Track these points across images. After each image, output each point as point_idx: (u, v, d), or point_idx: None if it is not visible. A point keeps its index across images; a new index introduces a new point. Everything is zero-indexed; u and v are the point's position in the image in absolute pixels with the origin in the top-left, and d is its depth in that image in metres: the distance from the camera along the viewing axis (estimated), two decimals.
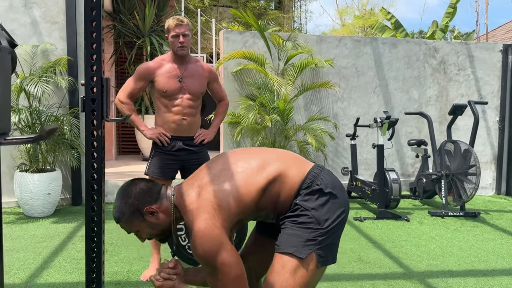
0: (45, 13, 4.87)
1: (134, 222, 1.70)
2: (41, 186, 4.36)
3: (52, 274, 3.00)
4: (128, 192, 1.70)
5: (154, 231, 1.72)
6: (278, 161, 1.67)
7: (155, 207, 1.67)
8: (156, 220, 1.68)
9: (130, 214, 1.68)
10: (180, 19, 2.85)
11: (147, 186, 1.71)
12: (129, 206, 1.68)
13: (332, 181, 1.64)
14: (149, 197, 1.68)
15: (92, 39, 1.90)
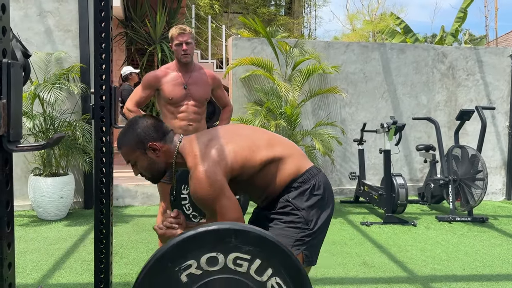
0: (59, 22, 5.01)
1: (135, 152, 1.74)
2: (54, 190, 4.48)
3: (64, 275, 3.10)
4: (138, 123, 1.75)
5: (149, 168, 1.76)
6: (284, 147, 1.74)
7: (158, 144, 1.70)
8: (155, 158, 1.72)
9: (134, 144, 1.73)
10: (183, 27, 2.95)
11: (157, 123, 1.76)
12: (135, 136, 1.72)
13: (325, 184, 1.70)
14: (155, 134, 1.72)
15: (101, 50, 1.99)
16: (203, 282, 1.21)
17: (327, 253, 3.66)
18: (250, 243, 1.21)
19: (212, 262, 1.21)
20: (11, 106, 0.96)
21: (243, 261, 1.21)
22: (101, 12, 1.97)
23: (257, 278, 1.22)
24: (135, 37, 7.15)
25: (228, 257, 1.21)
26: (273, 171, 1.67)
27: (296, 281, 1.24)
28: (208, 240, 1.21)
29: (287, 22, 12.73)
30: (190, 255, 1.20)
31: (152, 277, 1.22)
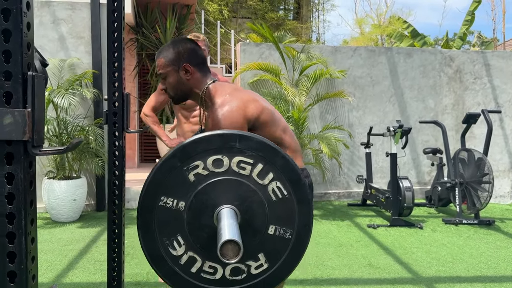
0: (72, 29, 5.16)
1: (169, 67, 1.83)
2: (67, 193, 4.61)
3: (77, 274, 3.21)
4: (182, 43, 1.84)
5: (176, 87, 1.85)
6: (293, 141, 1.85)
7: (192, 69, 1.80)
8: (185, 79, 1.81)
9: (171, 59, 1.81)
10: (196, 35, 3.05)
11: (199, 51, 1.85)
12: (175, 53, 1.81)
13: (310, 186, 1.85)
14: (193, 58, 1.81)
15: (114, 58, 2.10)
16: (209, 182, 1.29)
17: (334, 254, 3.73)
18: (253, 148, 1.29)
19: (218, 164, 1.29)
20: (35, 115, 1.06)
21: (246, 164, 1.29)
22: (114, 22, 2.08)
23: (259, 181, 1.30)
24: (145, 43, 7.29)
25: (232, 160, 1.29)
26: None
27: (295, 186, 1.31)
28: (214, 143, 1.30)
29: (295, 26, 12.83)
30: (197, 157, 1.29)
31: (163, 175, 1.31)
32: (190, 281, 1.33)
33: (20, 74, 1.05)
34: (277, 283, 1.34)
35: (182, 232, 1.31)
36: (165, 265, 1.35)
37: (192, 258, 1.32)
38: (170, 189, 1.31)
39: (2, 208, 1.07)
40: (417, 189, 6.32)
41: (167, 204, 1.31)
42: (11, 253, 1.09)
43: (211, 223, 1.30)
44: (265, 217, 1.31)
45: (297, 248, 1.36)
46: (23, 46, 1.05)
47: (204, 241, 1.31)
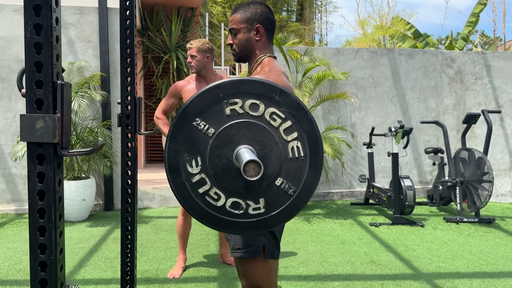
0: (80, 33, 5.28)
1: (242, 23, 1.88)
2: (76, 193, 4.73)
3: (88, 271, 3.33)
4: (261, 6, 1.91)
5: (243, 44, 1.90)
6: None
7: (263, 31, 1.87)
8: (253, 39, 1.87)
9: (247, 16, 1.88)
10: (191, 42, 3.23)
11: (272, 18, 1.93)
12: (252, 12, 1.88)
13: None
14: (267, 23, 1.89)
15: (127, 64, 2.22)
16: (241, 120, 1.40)
17: (336, 252, 3.83)
18: (288, 104, 1.39)
19: (254, 108, 1.40)
20: (63, 119, 1.17)
21: (277, 117, 1.39)
22: (126, 30, 2.19)
23: (283, 136, 1.40)
24: (151, 46, 7.41)
25: (267, 109, 1.39)
26: None
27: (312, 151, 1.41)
28: (257, 89, 1.40)
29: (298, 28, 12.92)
30: (239, 95, 1.39)
31: (204, 100, 1.41)
32: (195, 199, 1.43)
33: (50, 83, 1.16)
34: (265, 229, 1.43)
35: (203, 155, 1.40)
36: (178, 177, 1.44)
37: (203, 180, 1.42)
38: (206, 114, 1.40)
39: (34, 204, 1.19)
40: (419, 188, 6.41)
41: (199, 126, 1.40)
42: (42, 245, 1.20)
43: (230, 157, 1.39)
44: (277, 168, 1.40)
45: (294, 205, 1.45)
46: (53, 57, 1.16)
47: (218, 170, 1.40)
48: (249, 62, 1.95)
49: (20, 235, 4.30)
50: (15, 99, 5.12)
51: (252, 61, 1.92)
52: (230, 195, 1.41)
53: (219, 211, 1.42)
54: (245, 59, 1.96)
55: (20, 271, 3.32)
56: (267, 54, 1.91)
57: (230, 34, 1.98)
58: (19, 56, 5.10)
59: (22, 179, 5.19)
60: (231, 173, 1.41)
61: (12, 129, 5.13)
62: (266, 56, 1.89)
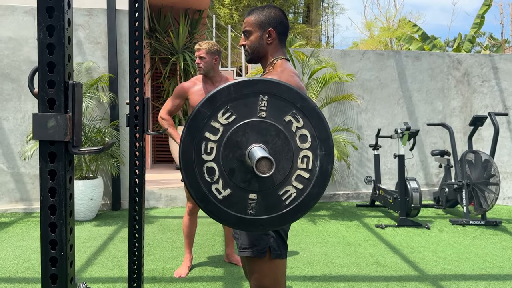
0: (89, 35, 5.34)
1: (255, 24, 1.93)
2: (84, 193, 4.78)
3: (96, 270, 3.36)
4: (275, 10, 1.96)
5: (255, 46, 1.94)
6: None
7: (275, 35, 1.91)
8: (265, 41, 1.91)
9: (261, 19, 1.92)
10: (200, 43, 3.24)
11: (287, 24, 1.98)
12: (266, 16, 1.92)
13: None
14: (279, 27, 1.92)
15: (136, 65, 2.25)
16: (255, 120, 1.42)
17: (342, 253, 3.84)
18: (307, 113, 1.43)
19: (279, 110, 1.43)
20: (75, 118, 1.21)
21: (295, 120, 1.43)
22: (136, 31, 2.23)
23: (299, 144, 1.43)
24: (158, 47, 7.46)
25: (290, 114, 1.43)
26: None
27: (323, 164, 1.44)
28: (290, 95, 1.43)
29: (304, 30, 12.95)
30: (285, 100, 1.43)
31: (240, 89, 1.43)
32: (200, 185, 1.46)
33: (62, 83, 1.19)
34: (255, 229, 1.45)
35: (218, 142, 1.43)
36: (190, 163, 1.47)
37: (212, 169, 1.45)
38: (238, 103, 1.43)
39: (45, 201, 1.22)
40: (425, 191, 6.40)
41: (227, 113, 1.43)
42: (53, 241, 1.23)
43: (244, 149, 1.42)
44: (284, 175, 1.43)
45: (292, 212, 1.47)
46: (65, 58, 1.19)
47: (229, 162, 1.43)
48: (262, 64, 1.99)
49: (28, 233, 4.35)
50: (25, 100, 5.18)
51: (265, 63, 1.96)
52: (234, 188, 1.43)
53: (221, 202, 1.45)
54: (257, 60, 1.99)
55: (29, 268, 3.37)
56: (280, 56, 1.93)
57: (244, 35, 2.02)
58: (29, 57, 5.16)
59: (31, 178, 5.25)
60: (241, 168, 1.43)
61: (21, 129, 5.19)
62: (279, 59, 1.92)
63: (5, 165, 5.19)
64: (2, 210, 5.18)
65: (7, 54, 5.13)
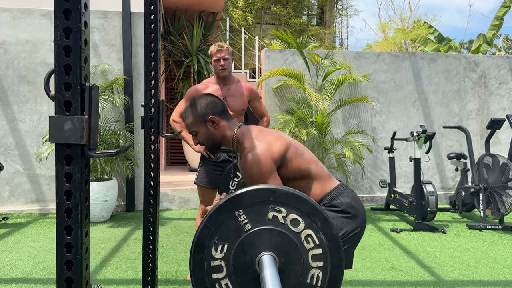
0: (104, 37, 5.38)
1: (196, 124, 2.01)
2: (99, 194, 4.81)
3: (110, 271, 3.37)
4: (202, 98, 2.03)
5: (207, 139, 2.01)
6: (318, 166, 1.97)
7: (217, 118, 1.97)
8: (214, 130, 1.98)
9: (197, 116, 2.00)
10: (221, 45, 3.20)
11: (217, 101, 2.03)
12: (199, 110, 1.99)
13: (352, 198, 1.91)
14: (215, 109, 1.99)
15: (151, 68, 2.25)
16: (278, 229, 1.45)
17: (357, 257, 3.80)
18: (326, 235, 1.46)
19: (295, 223, 1.46)
20: (91, 121, 1.20)
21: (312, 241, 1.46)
22: (151, 34, 2.23)
23: (309, 261, 1.45)
24: (173, 50, 7.50)
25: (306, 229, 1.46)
26: (304, 186, 1.90)
27: None
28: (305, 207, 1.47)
29: (318, 32, 12.91)
30: (286, 206, 1.46)
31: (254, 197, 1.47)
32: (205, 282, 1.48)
33: (79, 85, 1.18)
34: None
35: (231, 244, 1.47)
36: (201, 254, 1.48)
37: (221, 267, 1.48)
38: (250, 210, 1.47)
39: (61, 204, 1.21)
40: (441, 194, 6.31)
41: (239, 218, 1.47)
42: (68, 244, 1.22)
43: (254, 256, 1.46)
44: None
45: None
46: (81, 60, 1.18)
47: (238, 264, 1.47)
48: (225, 145, 2.04)
49: (44, 234, 4.39)
50: (41, 102, 5.24)
51: (227, 143, 2.02)
52: None
53: None
54: (217, 146, 2.06)
55: (44, 269, 3.39)
56: (234, 128, 1.99)
57: (193, 136, 2.09)
58: (45, 59, 5.22)
59: (46, 180, 5.30)
60: (248, 273, 1.46)
61: (37, 130, 5.25)
62: (236, 134, 1.97)
63: (21, 166, 5.25)
64: (18, 211, 5.24)
65: (24, 56, 5.20)
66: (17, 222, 4.87)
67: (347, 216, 1.86)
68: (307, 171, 1.90)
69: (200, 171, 3.28)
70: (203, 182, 3.24)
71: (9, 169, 5.22)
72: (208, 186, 3.23)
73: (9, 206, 5.26)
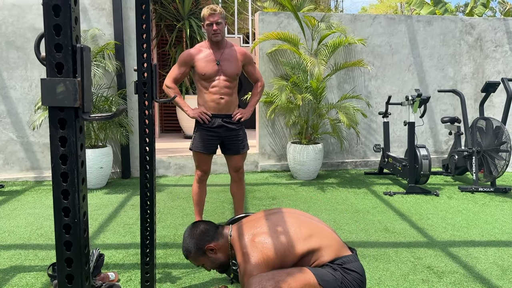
0: (94, 1, 5.23)
1: (199, 258, 2.14)
2: (94, 161, 4.80)
3: (108, 236, 3.41)
4: (192, 234, 2.15)
5: (214, 264, 2.13)
6: (323, 238, 2.00)
7: (213, 245, 2.08)
8: (215, 256, 2.10)
9: (195, 252, 2.12)
10: (213, 8, 3.12)
11: (205, 228, 2.15)
12: (194, 246, 2.11)
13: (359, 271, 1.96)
14: (208, 237, 2.11)
15: (143, 30, 2.20)
16: None
17: (350, 220, 3.86)
18: None
19: None
20: (84, 83, 1.17)
21: None
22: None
23: None
24: (164, 14, 7.32)
25: None
26: (310, 259, 1.95)
27: None
28: None
29: None
30: None
31: None
32: None
33: (70, 46, 1.14)
34: None
35: None
36: None
37: None
38: None
39: (57, 168, 1.20)
40: (434, 158, 6.37)
41: None
42: (66, 208, 1.22)
43: None
44: None
45: None
46: (71, 20, 1.14)
47: None
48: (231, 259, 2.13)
49: (40, 201, 4.41)
50: (31, 68, 5.14)
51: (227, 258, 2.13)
52: None
53: None
54: (227, 266, 2.15)
55: (42, 235, 3.42)
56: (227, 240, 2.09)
57: (203, 267, 2.22)
58: (34, 24, 5.09)
59: (40, 147, 5.27)
60: None
61: (29, 98, 5.17)
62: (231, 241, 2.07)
63: (15, 134, 5.21)
64: (13, 178, 5.24)
65: (11, 21, 5.06)
66: (13, 189, 4.88)
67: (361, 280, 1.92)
68: (309, 250, 1.94)
69: (195, 137, 3.27)
70: (198, 148, 3.24)
71: (2, 137, 5.18)
72: (203, 151, 3.23)
73: (4, 174, 5.24)
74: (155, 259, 2.35)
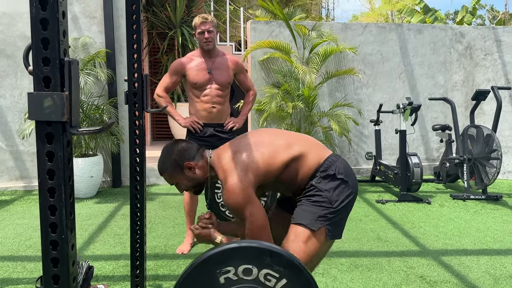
0: (84, 9, 5.21)
1: (175, 175, 2.00)
2: (84, 170, 4.75)
3: (98, 247, 3.37)
4: (171, 150, 2.02)
5: (190, 184, 2.02)
6: (301, 144, 1.92)
7: (193, 163, 1.96)
8: (193, 175, 1.98)
9: (172, 168, 1.99)
10: (205, 17, 3.12)
11: (187, 145, 2.02)
12: (172, 161, 1.98)
13: (345, 168, 1.87)
14: (188, 155, 1.98)
15: (133, 40, 2.19)
16: (237, 286, 1.42)
17: None
18: (281, 264, 1.41)
19: (247, 272, 1.41)
20: (72, 97, 1.15)
21: (272, 277, 1.41)
22: (132, 5, 2.15)
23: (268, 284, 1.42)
24: (156, 22, 7.31)
25: (261, 271, 1.41)
26: (296, 168, 1.87)
27: None
28: (248, 253, 1.42)
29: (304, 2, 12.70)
30: (231, 262, 1.41)
31: (196, 274, 1.43)
32: None
33: (58, 60, 1.13)
34: None
35: None
36: None
37: None
38: None
39: (44, 183, 1.17)
40: (425, 166, 6.39)
41: None
42: (53, 224, 1.19)
43: None
44: None
45: None
46: (59, 33, 1.12)
47: None
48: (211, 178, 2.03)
49: (29, 211, 4.35)
50: (21, 76, 5.10)
51: (207, 180, 2.02)
52: None
53: None
54: (202, 185, 2.07)
55: (31, 247, 3.37)
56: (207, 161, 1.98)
57: (177, 187, 2.09)
58: (24, 32, 5.05)
59: (30, 156, 5.22)
60: None
61: (19, 106, 5.12)
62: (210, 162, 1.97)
63: (4, 143, 5.15)
64: (2, 188, 5.16)
65: (1, 29, 5.01)
66: (2, 199, 4.81)
67: (340, 183, 1.83)
68: (291, 157, 1.86)
69: None
70: None
71: None
72: None
73: None
74: (145, 271, 2.32)
